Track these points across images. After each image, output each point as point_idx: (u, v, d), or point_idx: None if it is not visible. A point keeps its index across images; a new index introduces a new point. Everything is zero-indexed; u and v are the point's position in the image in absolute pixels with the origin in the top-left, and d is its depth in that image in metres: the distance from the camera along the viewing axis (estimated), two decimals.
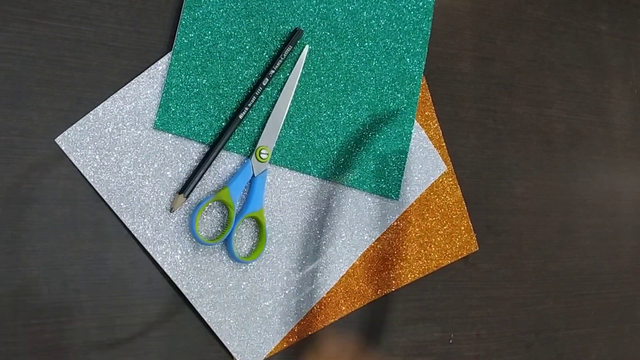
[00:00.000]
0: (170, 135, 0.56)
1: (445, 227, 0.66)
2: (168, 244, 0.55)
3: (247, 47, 0.58)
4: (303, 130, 0.60)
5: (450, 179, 0.66)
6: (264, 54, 0.59)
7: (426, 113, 0.65)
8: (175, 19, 0.57)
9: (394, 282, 0.63)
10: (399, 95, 0.63)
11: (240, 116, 0.56)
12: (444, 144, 0.66)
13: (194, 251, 0.56)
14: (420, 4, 0.64)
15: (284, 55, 0.58)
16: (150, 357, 0.55)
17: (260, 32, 0.59)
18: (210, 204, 0.56)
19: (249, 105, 0.57)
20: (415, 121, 0.64)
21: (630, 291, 0.76)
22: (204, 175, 0.56)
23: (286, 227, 0.59)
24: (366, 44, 0.62)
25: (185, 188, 0.55)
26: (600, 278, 0.75)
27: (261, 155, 0.57)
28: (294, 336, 0.59)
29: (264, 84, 0.57)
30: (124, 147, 0.54)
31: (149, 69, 0.55)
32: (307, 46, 0.60)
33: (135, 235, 0.54)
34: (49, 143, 0.53)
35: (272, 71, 0.57)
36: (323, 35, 0.61)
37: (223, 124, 0.57)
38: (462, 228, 0.67)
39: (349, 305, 0.61)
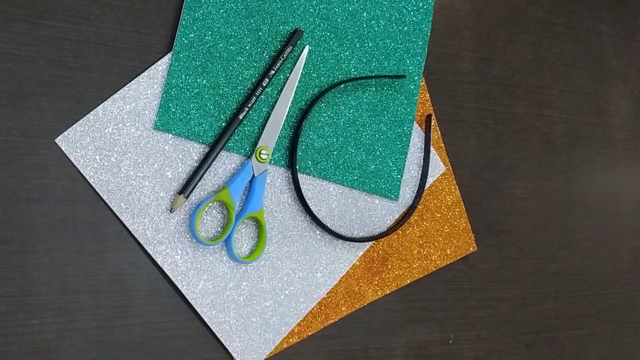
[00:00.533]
0: (170, 135, 0.56)
1: (444, 228, 0.66)
2: (168, 245, 0.55)
3: (247, 47, 0.58)
4: (303, 131, 0.60)
5: (449, 180, 0.66)
6: (264, 54, 0.59)
7: (426, 114, 0.65)
8: (176, 19, 0.57)
9: (393, 282, 0.63)
10: (398, 95, 0.63)
11: (240, 116, 0.56)
12: (442, 144, 0.66)
13: (194, 251, 0.56)
14: (420, 4, 0.64)
15: (284, 55, 0.58)
16: (150, 357, 0.55)
17: (260, 33, 0.59)
18: (210, 204, 0.57)
19: (249, 105, 0.57)
20: (415, 122, 0.64)
21: (631, 292, 0.76)
22: (204, 176, 0.56)
23: (286, 227, 0.59)
24: (366, 44, 0.62)
25: (186, 188, 0.55)
26: (600, 278, 0.75)
27: (261, 155, 0.57)
28: (294, 336, 0.59)
29: (264, 85, 0.57)
30: (124, 147, 0.54)
31: (149, 69, 0.56)
32: (307, 47, 0.60)
33: (135, 235, 0.54)
34: (49, 143, 0.53)
35: (272, 71, 0.57)
36: (323, 36, 0.61)
37: (223, 124, 0.57)
38: (461, 228, 0.67)
39: (349, 306, 0.62)
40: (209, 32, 0.57)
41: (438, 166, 0.66)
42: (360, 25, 0.62)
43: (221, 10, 0.57)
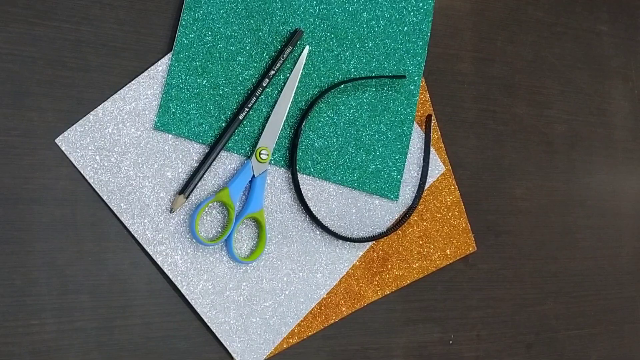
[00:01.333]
0: (170, 135, 0.56)
1: (444, 228, 0.66)
2: (168, 245, 0.55)
3: (247, 47, 0.58)
4: (303, 131, 0.60)
5: (449, 180, 0.66)
6: (264, 54, 0.59)
7: (426, 114, 0.65)
8: (176, 20, 0.57)
9: (393, 282, 0.63)
10: (398, 95, 0.63)
11: (241, 117, 0.56)
12: (442, 144, 0.66)
13: (194, 252, 0.56)
14: (420, 4, 0.64)
15: (284, 56, 0.58)
16: (150, 357, 0.55)
17: (260, 33, 0.59)
18: (210, 204, 0.57)
19: (249, 105, 0.57)
20: (415, 122, 0.64)
21: (631, 292, 0.76)
22: (204, 176, 0.56)
23: (286, 228, 0.59)
24: (366, 44, 0.62)
25: (186, 188, 0.55)
26: (600, 279, 0.75)
27: (261, 155, 0.57)
28: (294, 337, 0.59)
29: (264, 85, 0.57)
30: (124, 147, 0.54)
31: (149, 69, 0.56)
32: (307, 47, 0.60)
33: (135, 235, 0.54)
34: (49, 144, 0.53)
35: (272, 72, 0.57)
36: (323, 36, 0.61)
37: (223, 124, 0.57)
38: (461, 229, 0.67)
39: (349, 306, 0.62)
40: (209, 33, 0.57)
41: (438, 166, 0.66)
42: (360, 26, 0.62)
43: (221, 11, 0.57)
